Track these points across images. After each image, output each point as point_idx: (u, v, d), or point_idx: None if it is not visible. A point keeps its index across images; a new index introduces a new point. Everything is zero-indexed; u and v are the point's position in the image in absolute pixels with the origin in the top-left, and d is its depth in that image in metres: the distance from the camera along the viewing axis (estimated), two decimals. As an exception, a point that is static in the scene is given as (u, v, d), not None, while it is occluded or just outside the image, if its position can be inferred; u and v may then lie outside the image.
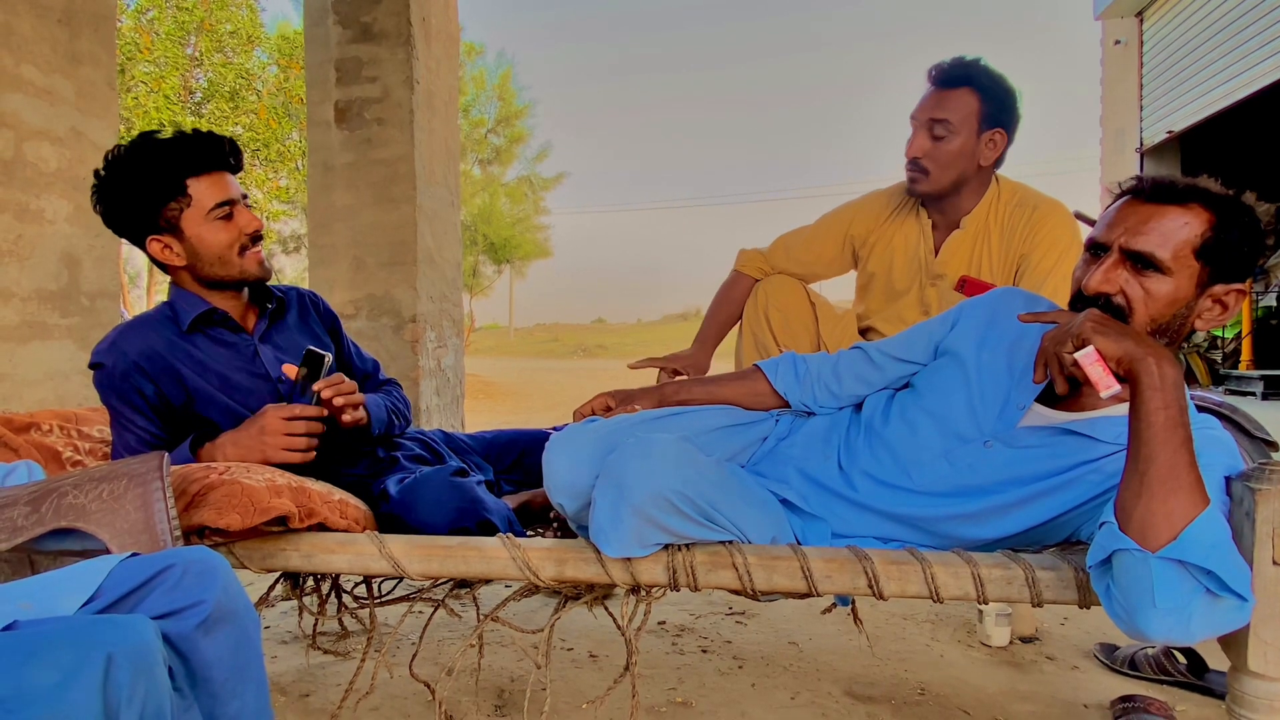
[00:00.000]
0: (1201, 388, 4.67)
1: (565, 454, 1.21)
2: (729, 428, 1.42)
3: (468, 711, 1.61)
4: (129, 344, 1.46)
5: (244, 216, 1.49)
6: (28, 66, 2.65)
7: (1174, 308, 1.10)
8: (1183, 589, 0.93)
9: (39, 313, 2.69)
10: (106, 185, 1.45)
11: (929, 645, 1.98)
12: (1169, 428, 0.96)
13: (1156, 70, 7.71)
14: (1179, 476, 0.94)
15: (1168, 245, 1.08)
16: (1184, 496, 0.94)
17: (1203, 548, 0.92)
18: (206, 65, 13.62)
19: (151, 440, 1.47)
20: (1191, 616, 0.93)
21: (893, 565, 1.14)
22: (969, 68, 1.81)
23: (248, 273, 1.51)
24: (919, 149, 1.85)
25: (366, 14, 4.06)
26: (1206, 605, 0.93)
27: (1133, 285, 1.10)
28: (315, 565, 1.26)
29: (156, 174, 1.43)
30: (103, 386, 1.46)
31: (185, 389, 1.48)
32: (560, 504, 1.22)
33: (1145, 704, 1.53)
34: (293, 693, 1.71)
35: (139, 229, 1.47)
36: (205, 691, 0.87)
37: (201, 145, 1.45)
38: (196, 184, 1.44)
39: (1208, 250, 1.08)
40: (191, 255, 1.48)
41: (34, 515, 1.03)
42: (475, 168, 22.51)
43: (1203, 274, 1.09)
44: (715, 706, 1.65)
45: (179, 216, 1.45)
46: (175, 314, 1.51)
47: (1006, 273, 1.90)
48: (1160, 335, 1.12)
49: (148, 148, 1.43)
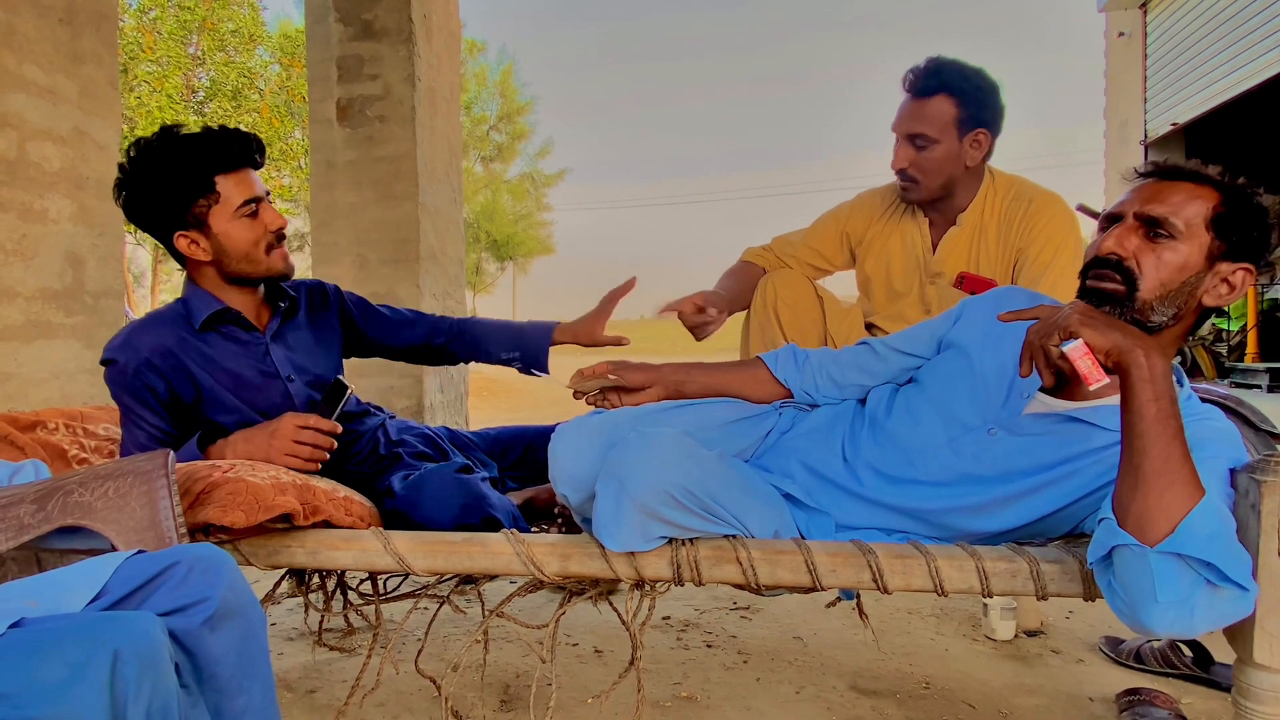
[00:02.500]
0: (1207, 380, 4.65)
1: (570, 445, 1.22)
2: (735, 422, 1.42)
3: (473, 707, 1.62)
4: (141, 341, 1.46)
5: (269, 214, 1.50)
6: (30, 66, 2.65)
7: (1183, 275, 1.11)
8: (1183, 582, 0.93)
9: (44, 312, 2.70)
10: (133, 180, 1.45)
11: (934, 639, 1.98)
12: (1161, 420, 0.96)
13: (1160, 62, 7.68)
14: (1173, 469, 0.95)
15: (1180, 213, 1.10)
16: (1179, 489, 0.94)
17: (1201, 539, 0.92)
18: (209, 64, 13.64)
19: (161, 437, 1.48)
20: (1194, 609, 0.93)
21: (897, 559, 1.14)
22: (942, 73, 1.78)
23: (274, 269, 1.52)
24: (903, 160, 1.83)
25: (368, 11, 4.06)
26: (1208, 597, 0.93)
27: (1144, 250, 1.11)
28: (320, 562, 1.26)
29: (186, 171, 1.42)
30: (114, 383, 1.46)
31: (196, 386, 1.48)
32: (564, 495, 1.23)
33: (1151, 697, 1.53)
34: (299, 689, 1.71)
35: (166, 224, 1.47)
36: (212, 688, 0.87)
37: (229, 142, 1.45)
38: (225, 181, 1.45)
39: (1219, 222, 1.10)
40: (218, 251, 1.48)
41: (40, 513, 1.04)
42: (477, 165, 22.51)
43: (1213, 246, 1.11)
44: (720, 701, 1.65)
45: (207, 213, 1.45)
46: (188, 312, 1.51)
47: (1005, 267, 1.89)
48: (1167, 304, 1.12)
49: (176, 144, 1.43)
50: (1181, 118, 7.28)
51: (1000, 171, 1.93)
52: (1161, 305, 1.12)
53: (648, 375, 1.46)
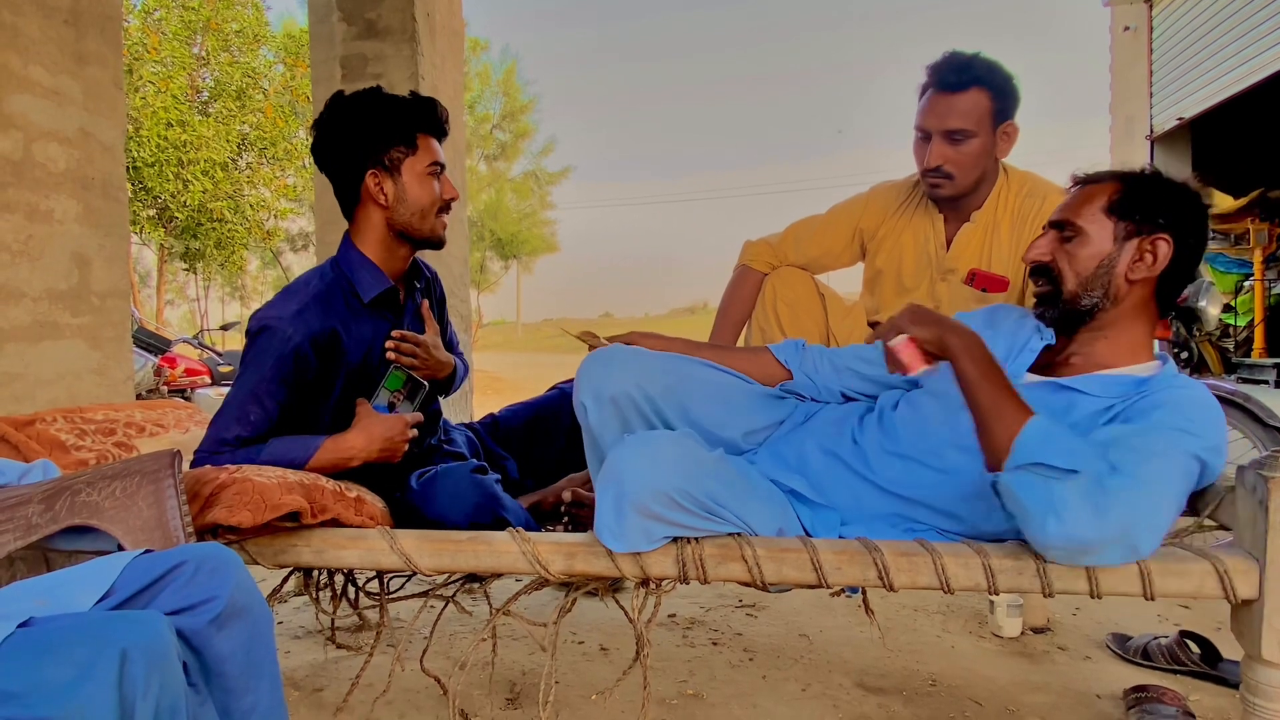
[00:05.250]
0: (1214, 376, 4.63)
1: (601, 363, 1.36)
2: (759, 396, 1.49)
3: (481, 705, 1.62)
4: (313, 319, 1.45)
5: (447, 183, 1.58)
6: (35, 67, 2.66)
7: (1094, 261, 1.27)
8: (1039, 487, 1.04)
9: (50, 312, 2.71)
10: (342, 117, 1.52)
11: (940, 636, 1.98)
12: (981, 374, 1.15)
13: (1166, 56, 7.63)
14: (1001, 406, 1.12)
15: (1079, 211, 1.29)
16: (1009, 419, 1.10)
17: (1030, 448, 1.06)
18: (213, 64, 13.66)
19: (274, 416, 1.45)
20: (1064, 506, 1.02)
21: (903, 557, 1.14)
22: (974, 66, 1.77)
23: (436, 234, 1.57)
24: (939, 158, 1.79)
25: (371, 10, 4.06)
26: (1069, 491, 1.02)
27: (1059, 251, 1.30)
28: (326, 560, 1.27)
29: (395, 119, 1.52)
30: (264, 349, 1.43)
31: (338, 371, 1.49)
32: (583, 404, 1.35)
33: (1158, 694, 1.52)
34: (306, 687, 1.72)
35: (362, 160, 1.51)
36: (219, 686, 0.88)
37: (434, 109, 1.55)
38: (424, 140, 1.54)
39: (1116, 206, 1.27)
40: (397, 199, 1.52)
41: (48, 513, 1.04)
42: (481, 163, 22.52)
43: (1117, 229, 1.27)
44: (726, 698, 1.65)
45: (401, 161, 1.52)
46: (355, 285, 1.53)
47: (1016, 263, 1.87)
48: (1090, 288, 1.28)
49: (386, 99, 1.54)
50: (1187, 112, 7.23)
51: (1013, 167, 1.92)
52: (1085, 291, 1.28)
53: (659, 344, 1.54)
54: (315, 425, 1.51)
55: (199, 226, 13.57)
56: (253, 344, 1.45)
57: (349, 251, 1.55)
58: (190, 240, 14.02)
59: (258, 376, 1.43)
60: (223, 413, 1.45)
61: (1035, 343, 1.36)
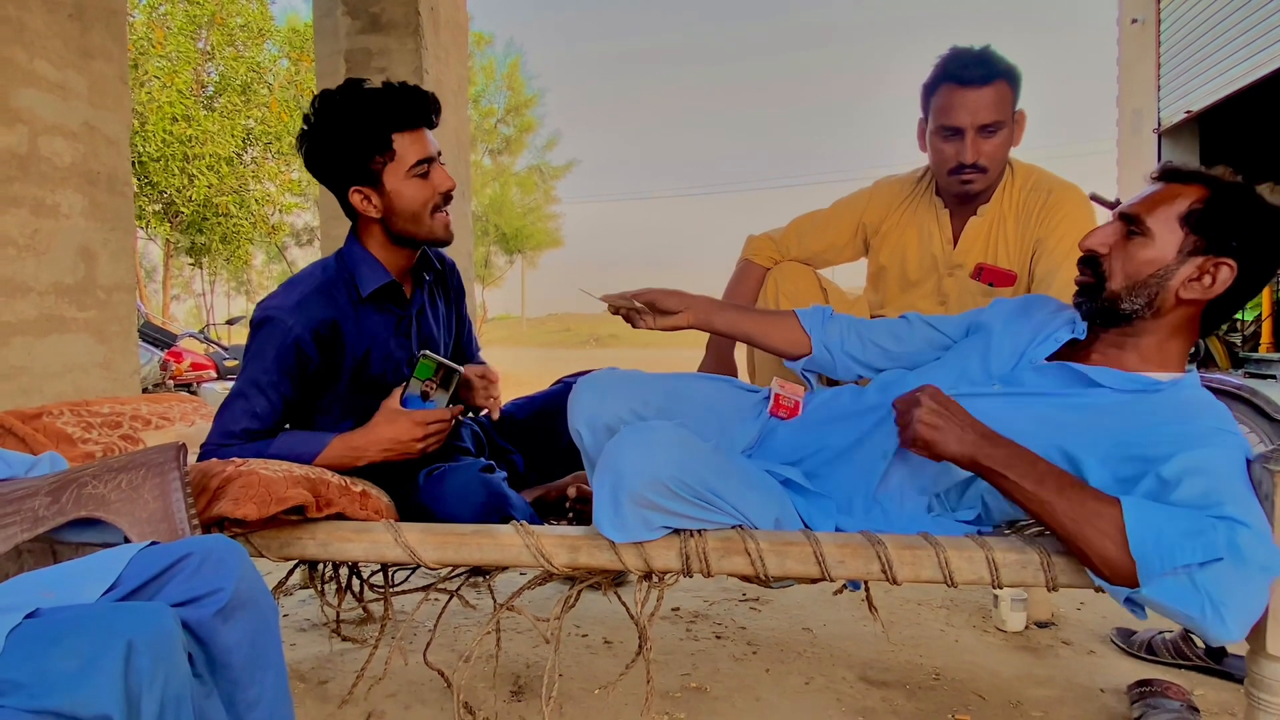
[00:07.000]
0: (1221, 371, 4.61)
1: (593, 390, 1.36)
2: (753, 409, 1.48)
3: (485, 698, 1.63)
4: (314, 309, 1.45)
5: (439, 175, 1.50)
6: (41, 62, 2.66)
7: (1150, 267, 1.19)
8: (1187, 592, 0.96)
9: (56, 306, 2.72)
10: (317, 133, 1.46)
11: (944, 630, 1.98)
12: (1037, 486, 1.05)
13: (1175, 49, 7.57)
14: (1082, 505, 1.03)
15: (1154, 211, 1.19)
16: (1103, 520, 1.01)
17: (1156, 550, 0.97)
18: (218, 59, 13.68)
19: (279, 408, 1.45)
20: (1221, 599, 0.95)
21: (906, 550, 1.13)
22: (995, 59, 1.77)
23: (435, 234, 1.52)
24: (978, 152, 1.78)
25: (375, 4, 4.06)
26: (1212, 578, 0.96)
27: (1120, 246, 1.22)
28: (331, 553, 1.27)
29: (364, 126, 1.43)
30: (266, 340, 1.43)
31: (343, 360, 1.49)
32: (578, 431, 1.35)
33: (1163, 688, 1.52)
34: (311, 679, 1.73)
35: (342, 178, 1.48)
36: (225, 678, 0.88)
37: (408, 100, 1.45)
38: (401, 139, 1.45)
39: (1194, 218, 1.17)
40: (388, 209, 1.48)
41: (55, 505, 1.05)
42: (485, 158, 22.52)
43: (1185, 242, 1.17)
44: (730, 692, 1.65)
45: (382, 170, 1.46)
46: (355, 279, 1.51)
47: (1023, 257, 1.87)
48: (1136, 294, 1.20)
49: (358, 99, 1.44)
50: (1196, 105, 7.18)
51: (1018, 161, 1.91)
52: (1129, 294, 1.20)
53: (681, 300, 1.53)
54: (325, 417, 1.52)
55: (204, 221, 13.61)
56: (255, 335, 1.45)
57: (353, 246, 1.55)
58: (196, 235, 14.07)
59: (260, 368, 1.44)
60: (229, 404, 1.45)
61: (1063, 334, 1.31)
